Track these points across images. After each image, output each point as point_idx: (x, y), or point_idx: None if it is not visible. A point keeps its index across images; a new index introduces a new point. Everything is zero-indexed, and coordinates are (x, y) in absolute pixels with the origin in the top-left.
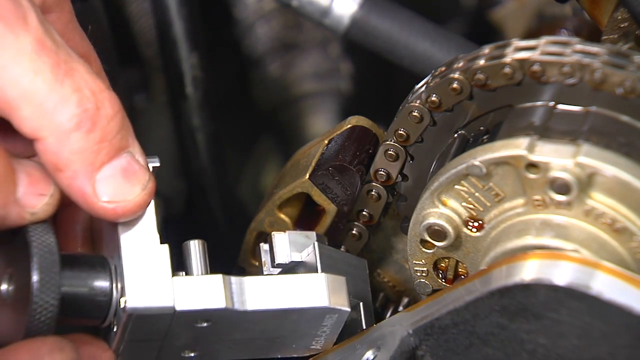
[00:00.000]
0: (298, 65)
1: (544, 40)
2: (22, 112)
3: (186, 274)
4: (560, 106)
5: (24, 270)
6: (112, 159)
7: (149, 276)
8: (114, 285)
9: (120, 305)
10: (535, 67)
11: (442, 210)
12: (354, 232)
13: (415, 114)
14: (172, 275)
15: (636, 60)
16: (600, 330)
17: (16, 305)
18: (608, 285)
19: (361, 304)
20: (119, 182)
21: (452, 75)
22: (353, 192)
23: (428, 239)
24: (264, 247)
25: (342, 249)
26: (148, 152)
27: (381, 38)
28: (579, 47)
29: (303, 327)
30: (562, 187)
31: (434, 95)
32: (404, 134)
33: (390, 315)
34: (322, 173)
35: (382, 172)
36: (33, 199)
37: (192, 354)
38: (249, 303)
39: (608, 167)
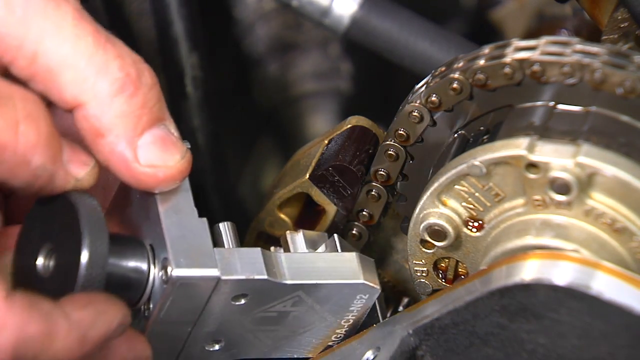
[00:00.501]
0: (298, 65)
1: (544, 40)
2: (63, 78)
3: None
4: (560, 106)
5: (67, 242)
6: (152, 127)
7: (192, 247)
8: (152, 263)
9: (163, 277)
10: (535, 67)
11: (442, 210)
12: (354, 232)
13: (415, 114)
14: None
15: (636, 60)
16: (600, 330)
17: (54, 281)
18: (608, 285)
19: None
20: (159, 149)
21: (452, 75)
22: (353, 192)
23: (428, 239)
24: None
25: None
26: None
27: (381, 38)
28: (579, 47)
29: (333, 308)
30: (562, 187)
31: (434, 95)
32: (404, 134)
33: (390, 315)
34: (322, 173)
35: (382, 172)
36: (77, 166)
37: (217, 347)
38: (287, 276)
39: (608, 167)
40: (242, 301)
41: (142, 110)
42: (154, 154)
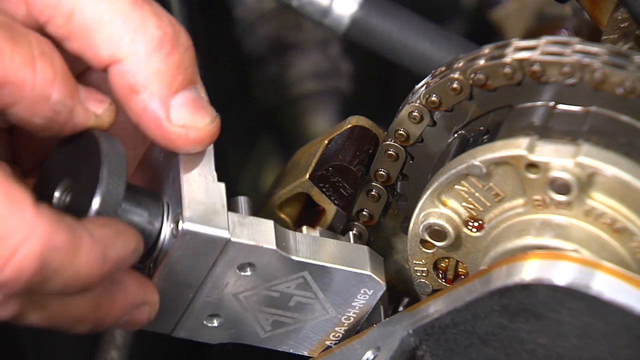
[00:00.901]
0: (298, 65)
1: (544, 40)
2: (100, 35)
3: None
4: (560, 106)
5: (85, 178)
6: (185, 88)
7: (206, 206)
8: (165, 219)
9: (174, 231)
10: (535, 67)
11: (442, 210)
12: (354, 232)
13: (415, 114)
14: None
15: (636, 60)
16: (600, 330)
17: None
18: (608, 285)
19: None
20: (190, 110)
21: (452, 75)
22: (353, 192)
23: (428, 239)
24: None
25: None
26: None
27: (381, 38)
28: (579, 47)
29: (336, 300)
30: (562, 187)
31: (434, 95)
32: (404, 134)
33: (390, 315)
34: (322, 173)
35: (382, 172)
36: (94, 103)
37: (215, 323)
38: (295, 252)
39: (608, 167)
40: (248, 271)
41: (177, 70)
42: (185, 115)
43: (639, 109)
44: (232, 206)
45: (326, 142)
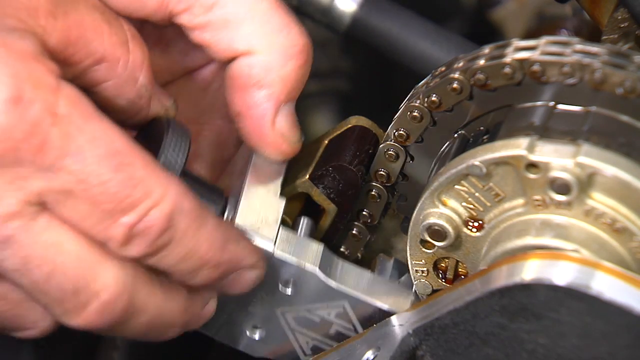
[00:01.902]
0: None
1: (544, 40)
2: (240, 29)
3: None
4: (560, 106)
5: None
6: (292, 100)
7: (260, 216)
8: (219, 214)
9: None
10: (535, 67)
11: (442, 210)
12: (354, 232)
13: (415, 114)
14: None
15: (636, 60)
16: (600, 330)
17: None
18: (608, 285)
19: None
20: (290, 123)
21: (452, 75)
22: (353, 192)
23: (428, 239)
24: None
25: (342, 249)
26: None
27: (381, 38)
28: (579, 47)
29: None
30: (562, 187)
31: (434, 95)
32: (404, 134)
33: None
34: (322, 173)
35: (382, 172)
36: (164, 95)
37: (256, 335)
38: (337, 279)
39: (608, 167)
40: (290, 289)
41: (299, 82)
42: (286, 126)
43: (639, 109)
44: (293, 224)
45: (326, 142)
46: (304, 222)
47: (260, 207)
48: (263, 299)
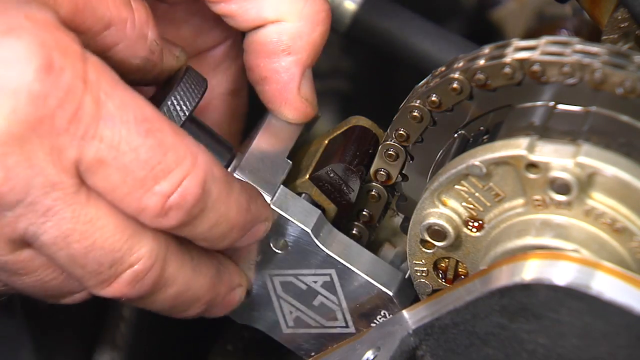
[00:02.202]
0: None
1: (544, 40)
2: None
3: None
4: (560, 106)
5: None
6: (312, 66)
7: (264, 171)
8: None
9: None
10: (535, 67)
11: (442, 210)
12: (354, 232)
13: (415, 114)
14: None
15: (636, 60)
16: (600, 330)
17: None
18: (608, 285)
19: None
20: (312, 86)
21: (452, 75)
22: (353, 192)
23: (428, 239)
24: None
25: None
26: None
27: (381, 38)
28: (579, 47)
29: (356, 311)
30: (562, 187)
31: (434, 95)
32: (404, 134)
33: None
34: (322, 173)
35: (382, 172)
36: (172, 45)
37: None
38: (327, 245)
39: (608, 167)
40: (280, 249)
41: (321, 47)
42: (309, 89)
43: (639, 109)
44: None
45: (326, 142)
46: (304, 196)
47: (265, 164)
48: (255, 259)
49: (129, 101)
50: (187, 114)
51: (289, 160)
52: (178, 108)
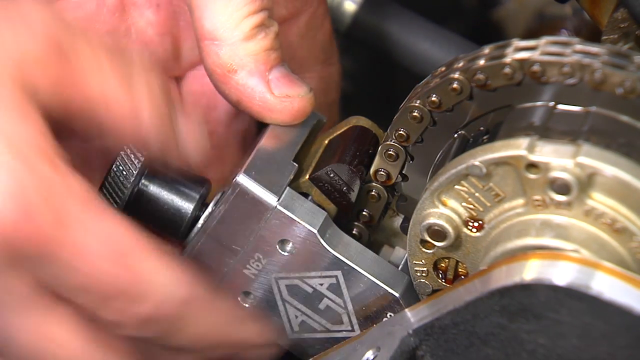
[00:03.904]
0: None
1: (544, 40)
2: (205, 11)
3: None
4: (560, 106)
5: None
6: (278, 64)
7: (270, 173)
8: (199, 205)
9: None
10: (535, 67)
11: (442, 210)
12: (354, 232)
13: (415, 114)
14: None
15: (636, 60)
16: (600, 330)
17: None
18: (608, 285)
19: None
20: (288, 81)
21: (452, 75)
22: (353, 192)
23: (428, 239)
24: None
25: None
26: None
27: (382, 38)
28: (579, 47)
29: (362, 314)
30: (562, 187)
31: (434, 95)
32: (404, 134)
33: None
34: (322, 173)
35: (382, 172)
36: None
37: (247, 304)
38: (333, 247)
39: (608, 167)
40: (287, 252)
41: (269, 51)
42: (284, 85)
43: (639, 109)
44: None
45: (326, 142)
46: (310, 198)
47: (272, 164)
48: (260, 261)
49: (107, 233)
50: (126, 193)
51: (294, 163)
52: (116, 188)
